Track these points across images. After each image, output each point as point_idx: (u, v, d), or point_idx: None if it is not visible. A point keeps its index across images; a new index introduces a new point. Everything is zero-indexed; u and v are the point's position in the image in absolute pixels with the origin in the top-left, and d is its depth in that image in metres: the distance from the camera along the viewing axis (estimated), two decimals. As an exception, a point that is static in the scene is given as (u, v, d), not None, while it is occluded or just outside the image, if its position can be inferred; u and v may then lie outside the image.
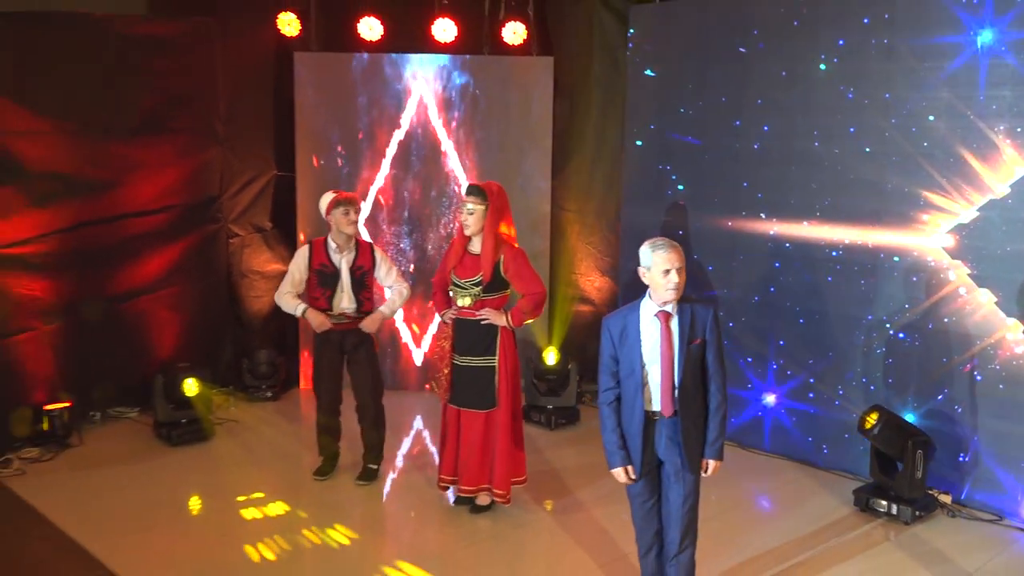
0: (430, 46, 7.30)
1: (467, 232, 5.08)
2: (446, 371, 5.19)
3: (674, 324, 3.72)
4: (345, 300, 5.54)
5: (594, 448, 6.00)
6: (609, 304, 7.27)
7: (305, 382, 7.58)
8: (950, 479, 5.43)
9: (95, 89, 6.34)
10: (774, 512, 5.53)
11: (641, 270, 3.75)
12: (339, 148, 7.39)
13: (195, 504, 5.51)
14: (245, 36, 7.18)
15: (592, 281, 7.44)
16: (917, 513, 5.17)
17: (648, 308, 3.74)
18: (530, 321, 5.22)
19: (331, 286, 5.50)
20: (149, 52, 6.61)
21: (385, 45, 7.27)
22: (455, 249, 5.21)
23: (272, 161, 7.50)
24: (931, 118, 5.41)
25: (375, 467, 5.79)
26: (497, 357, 5.12)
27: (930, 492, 5.32)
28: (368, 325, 5.56)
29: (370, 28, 7.22)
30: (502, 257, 5.08)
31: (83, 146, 6.31)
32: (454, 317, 5.17)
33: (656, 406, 3.75)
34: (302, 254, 5.59)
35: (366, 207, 7.38)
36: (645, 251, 3.72)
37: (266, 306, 7.54)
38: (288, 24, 7.19)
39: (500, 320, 5.09)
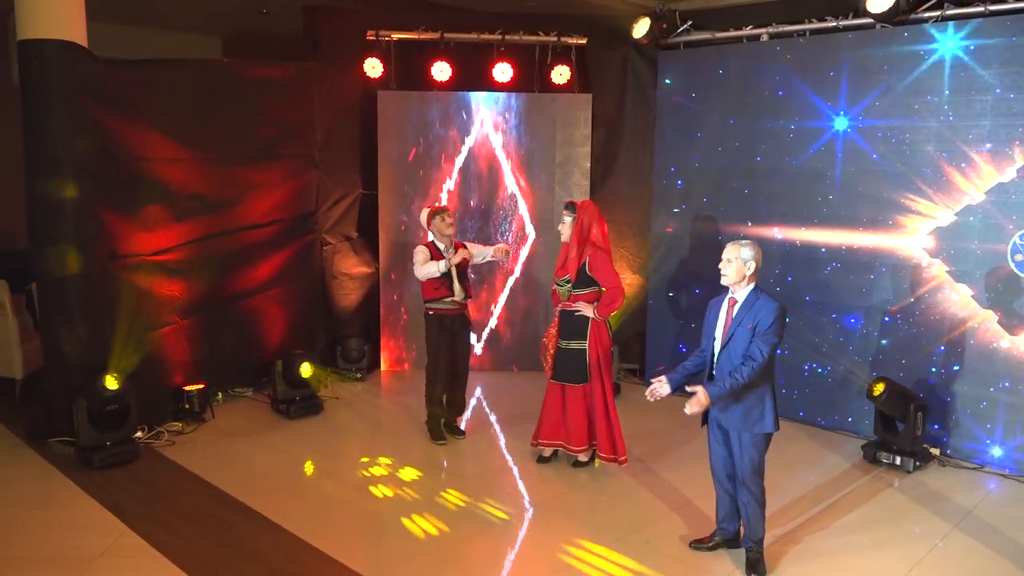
0: (490, 85, 7.47)
1: (562, 239, 5.33)
2: (552, 352, 5.41)
3: (736, 306, 3.94)
4: (457, 289, 5.78)
5: (638, 417, 6.30)
6: (640, 298, 7.48)
7: (387, 364, 7.76)
8: (938, 436, 5.71)
9: (222, 122, 6.46)
10: (794, 467, 5.70)
11: None
12: (414, 170, 7.54)
13: (327, 465, 5.64)
14: (338, 77, 7.30)
15: (625, 279, 7.62)
16: (916, 463, 5.44)
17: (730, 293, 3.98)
18: (615, 312, 5.43)
19: (448, 277, 5.74)
20: (264, 92, 6.74)
21: (453, 85, 7.42)
22: (560, 254, 5.44)
23: (359, 181, 7.63)
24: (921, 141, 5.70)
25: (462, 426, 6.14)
26: (588, 342, 5.33)
27: (923, 446, 5.60)
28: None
29: (441, 71, 7.37)
30: (587, 258, 5.29)
31: (213, 170, 6.42)
32: (560, 309, 5.39)
33: (711, 368, 4.04)
34: (422, 249, 5.79)
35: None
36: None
37: (353, 302, 7.70)
38: (373, 67, 7.32)
39: (589, 312, 5.29)
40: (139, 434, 5.79)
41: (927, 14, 5.57)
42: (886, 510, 4.92)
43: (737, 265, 3.92)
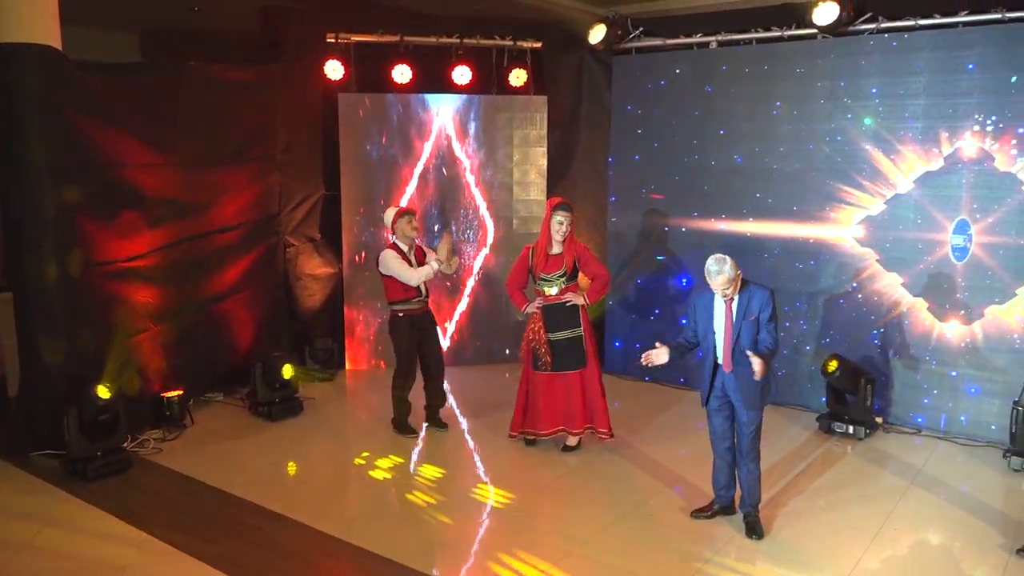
0: (450, 87, 7.68)
1: (558, 238, 5.58)
2: (545, 347, 5.68)
3: (734, 304, 4.39)
4: (424, 288, 5.99)
5: (619, 399, 6.70)
6: (597, 290, 7.88)
7: (352, 363, 7.87)
8: (881, 406, 6.37)
9: (193, 127, 6.41)
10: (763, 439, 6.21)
11: None
12: (375, 171, 7.67)
13: (327, 462, 5.78)
14: (299, 79, 7.33)
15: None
16: (867, 431, 6.09)
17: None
18: (601, 298, 5.79)
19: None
20: (232, 94, 6.73)
21: (414, 87, 7.59)
22: (539, 254, 5.66)
23: (321, 183, 7.69)
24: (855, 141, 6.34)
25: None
26: (582, 327, 5.67)
27: (872, 416, 6.24)
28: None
29: (401, 73, 7.53)
30: (578, 254, 5.63)
31: (185, 175, 6.38)
32: (542, 304, 5.66)
33: (720, 359, 4.46)
34: (393, 254, 5.92)
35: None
36: (708, 265, 4.38)
37: (318, 303, 7.77)
38: (334, 70, 7.40)
39: (579, 300, 5.64)
40: (124, 443, 5.72)
41: (863, 26, 6.18)
42: (850, 473, 5.52)
43: (734, 281, 4.34)
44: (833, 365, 6.07)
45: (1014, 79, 5.65)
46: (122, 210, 5.90)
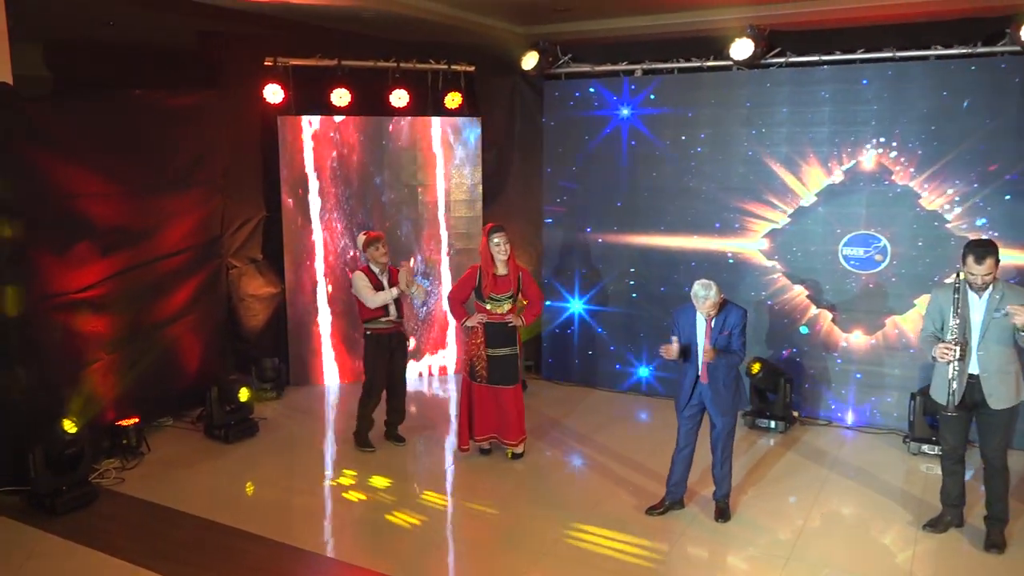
0: (388, 110, 7.95)
1: (501, 258, 5.96)
2: (483, 362, 6.08)
3: (714, 323, 4.96)
4: (393, 309, 6.29)
5: (548, 407, 7.18)
6: (533, 301, 8.34)
7: (297, 381, 8.03)
8: (798, 402, 7.10)
9: (141, 154, 6.47)
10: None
11: None
12: (316, 192, 7.86)
13: (295, 481, 5.99)
14: (239, 103, 7.42)
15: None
16: (787, 425, 6.80)
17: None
18: (535, 320, 6.23)
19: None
20: (176, 121, 6.78)
21: (352, 109, 7.81)
22: (486, 275, 6.02)
23: (262, 204, 7.81)
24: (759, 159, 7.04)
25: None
26: (518, 347, 6.09)
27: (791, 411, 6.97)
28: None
29: (340, 96, 7.73)
30: (521, 275, 6.04)
31: (134, 203, 6.43)
32: (485, 321, 6.04)
33: (700, 370, 5.02)
34: (362, 276, 6.21)
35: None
36: (696, 289, 4.95)
37: (261, 323, 7.89)
38: (273, 93, 7.52)
39: (519, 321, 6.06)
40: (89, 476, 5.75)
41: (774, 60, 6.88)
42: (777, 462, 6.20)
43: (718, 303, 4.93)
44: (756, 367, 6.75)
45: (906, 108, 6.45)
46: (74, 241, 5.93)
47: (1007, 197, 6.19)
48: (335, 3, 6.63)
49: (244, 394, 6.67)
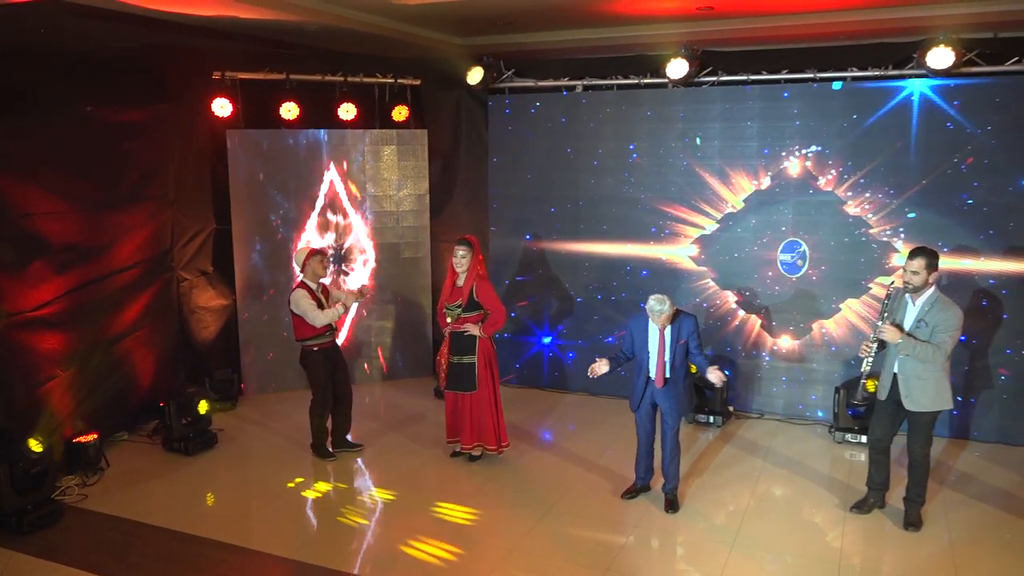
0: (336, 123, 8.13)
1: (459, 270, 6.26)
2: (444, 367, 6.38)
3: (667, 333, 5.39)
4: (332, 324, 6.52)
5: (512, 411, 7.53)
6: (480, 307, 8.66)
7: (250, 391, 8.15)
8: (733, 397, 7.64)
9: (93, 169, 6.52)
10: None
11: None
12: (266, 205, 8.00)
13: (261, 490, 6.15)
14: (188, 117, 7.50)
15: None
16: (724, 419, 7.33)
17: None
18: (497, 332, 6.54)
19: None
20: (126, 136, 6.84)
21: (302, 123, 7.98)
22: (447, 284, 6.36)
23: (212, 217, 7.90)
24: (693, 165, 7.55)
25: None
26: (476, 356, 6.39)
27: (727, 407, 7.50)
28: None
29: (288, 110, 7.89)
30: (475, 286, 6.34)
31: (87, 219, 6.48)
32: (450, 331, 6.35)
33: (653, 375, 5.46)
34: (304, 294, 6.39)
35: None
36: (651, 304, 5.36)
37: (213, 334, 7.98)
38: (221, 107, 7.62)
39: (476, 331, 6.36)
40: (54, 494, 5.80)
41: (707, 79, 7.38)
42: (721, 456, 6.69)
43: (671, 315, 5.36)
44: (694, 368, 7.24)
45: (827, 124, 7.04)
46: (29, 260, 5.95)
47: (917, 207, 6.84)
48: (280, 17, 6.76)
49: (203, 407, 6.78)
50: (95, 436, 6.39)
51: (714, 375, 5.41)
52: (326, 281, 6.77)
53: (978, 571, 4.87)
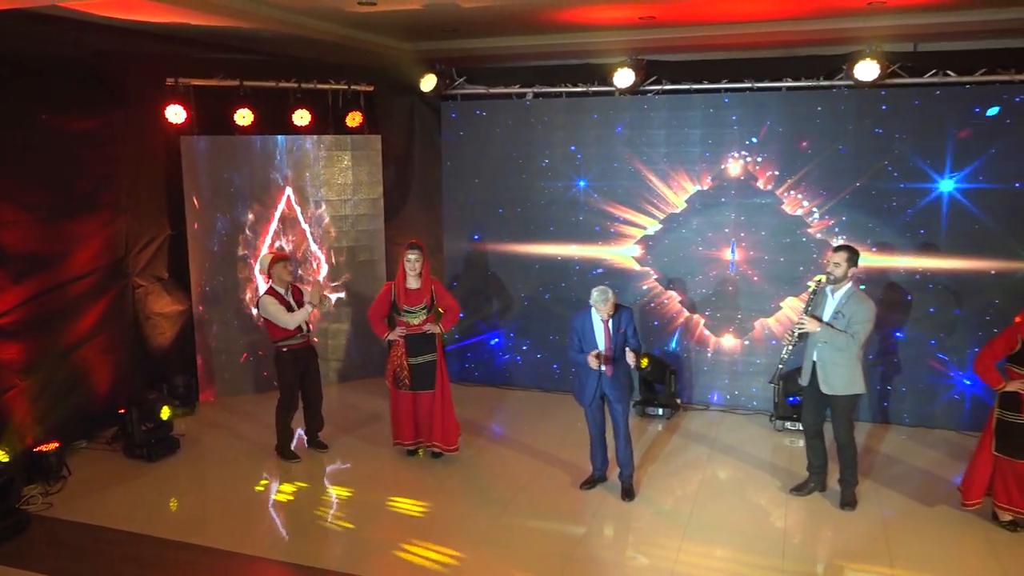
0: (290, 129, 8.25)
1: (412, 273, 6.47)
2: (406, 371, 6.58)
3: (610, 323, 5.71)
4: (304, 324, 6.68)
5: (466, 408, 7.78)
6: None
7: (207, 396, 8.22)
8: (680, 390, 8.04)
9: (48, 177, 6.54)
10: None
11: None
12: (221, 211, 8.08)
13: (228, 492, 6.26)
14: (142, 124, 7.53)
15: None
16: (672, 412, 7.73)
17: (597, 314, 5.71)
18: (453, 327, 6.78)
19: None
20: (80, 143, 6.87)
21: (256, 129, 8.06)
22: (399, 289, 6.52)
23: (166, 223, 7.94)
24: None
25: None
26: (436, 354, 6.63)
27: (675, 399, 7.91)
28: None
29: (243, 117, 7.96)
30: (434, 288, 6.58)
31: (42, 228, 6.51)
32: (404, 334, 6.54)
33: (602, 366, 5.76)
34: (272, 300, 6.55)
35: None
36: (595, 297, 5.67)
37: (169, 340, 8.02)
38: (175, 114, 7.64)
39: (436, 329, 6.60)
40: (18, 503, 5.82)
41: (652, 87, 7.76)
42: (668, 443, 7.09)
43: (614, 304, 5.68)
44: (645, 362, 7.53)
45: (767, 129, 7.49)
46: (-12, 271, 5.96)
47: (850, 208, 7.34)
48: (233, 24, 6.85)
49: (165, 412, 6.86)
50: (56, 445, 6.42)
51: (631, 356, 5.74)
52: (307, 283, 6.92)
53: (909, 544, 5.34)
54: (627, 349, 5.77)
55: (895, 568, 5.04)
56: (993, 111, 6.87)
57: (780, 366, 5.79)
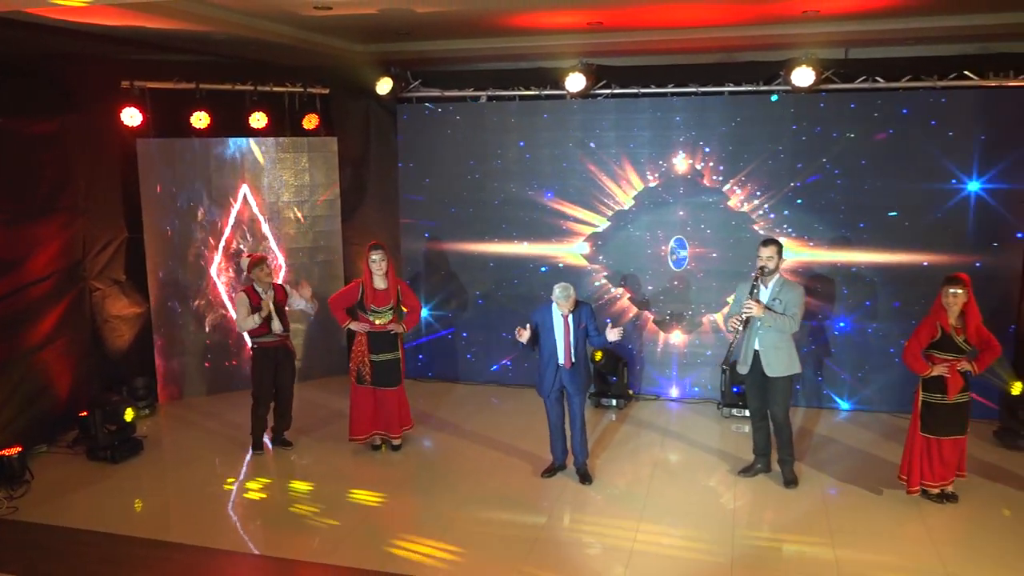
0: (247, 131, 8.34)
1: (378, 273, 6.67)
2: (368, 367, 6.78)
3: (571, 319, 6.01)
4: (276, 324, 6.82)
5: (414, 401, 7.98)
6: (393, 306, 9.07)
7: (166, 397, 8.27)
8: (632, 382, 8.41)
9: (3, 181, 6.55)
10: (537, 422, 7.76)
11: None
12: (179, 214, 8.13)
13: (197, 490, 6.37)
14: (98, 127, 7.55)
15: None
16: (624, 402, 8.09)
17: (557, 309, 6.00)
18: (414, 327, 7.00)
19: (268, 317, 6.76)
20: (35, 147, 6.89)
21: (212, 131, 8.13)
22: (367, 289, 6.71)
23: (123, 226, 7.95)
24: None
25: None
26: (399, 352, 6.85)
27: (627, 390, 8.26)
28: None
29: (199, 119, 8.02)
30: (400, 288, 6.79)
31: (1, 232, 6.50)
32: (368, 331, 6.73)
33: (561, 360, 6.07)
34: (244, 299, 6.70)
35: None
36: (556, 292, 5.96)
37: (127, 343, 8.05)
38: (131, 117, 7.68)
39: (399, 328, 6.82)
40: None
41: (602, 91, 8.08)
42: (624, 434, 7.43)
43: (574, 298, 5.97)
44: (599, 355, 7.95)
45: (709, 132, 7.88)
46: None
47: (792, 205, 7.78)
48: (185, 27, 6.89)
49: (129, 414, 6.91)
50: (19, 449, 6.43)
51: (613, 333, 6.01)
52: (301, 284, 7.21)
53: (846, 517, 5.77)
54: (608, 328, 6.05)
55: (835, 540, 5.45)
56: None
57: (731, 348, 6.20)
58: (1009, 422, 7.01)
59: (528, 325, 6.10)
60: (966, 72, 7.23)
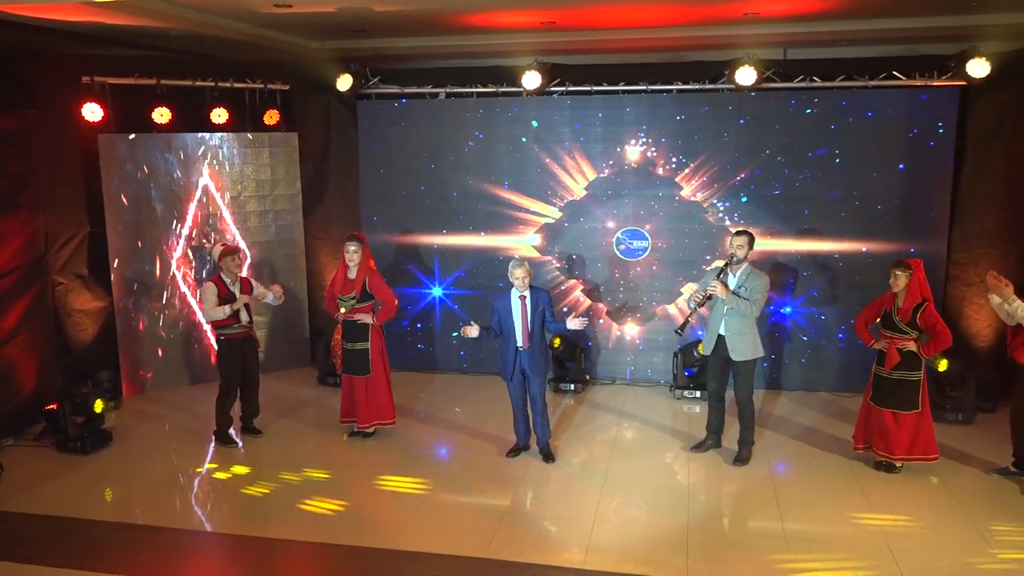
0: (208, 127, 8.45)
1: (350, 264, 6.90)
2: (340, 353, 7.01)
3: (528, 302, 6.32)
4: (243, 314, 6.99)
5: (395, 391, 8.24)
6: (354, 298, 9.27)
7: (130, 390, 8.34)
8: (588, 367, 8.78)
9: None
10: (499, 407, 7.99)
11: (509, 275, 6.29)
12: (140, 208, 8.21)
13: (164, 478, 6.52)
14: (59, 122, 7.59)
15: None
16: (582, 386, 8.45)
17: (515, 292, 6.30)
18: (389, 319, 7.21)
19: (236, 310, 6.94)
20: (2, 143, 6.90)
21: (174, 127, 8.22)
22: (338, 276, 6.97)
23: (86, 221, 8.00)
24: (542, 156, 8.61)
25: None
26: (369, 343, 7.07)
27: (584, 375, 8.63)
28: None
29: (161, 115, 8.11)
30: (367, 279, 7.01)
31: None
32: (343, 319, 6.97)
33: (520, 343, 6.39)
34: (212, 288, 6.85)
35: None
36: (510, 266, 6.25)
37: (91, 336, 8.10)
38: (92, 112, 7.73)
39: (368, 319, 7.04)
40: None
41: (557, 88, 8.42)
42: (582, 417, 7.79)
43: (529, 279, 6.26)
44: (557, 342, 8.30)
45: (660, 127, 8.28)
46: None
47: (739, 197, 8.24)
48: (145, 23, 6.96)
49: (99, 405, 7.00)
50: (-12, 442, 6.50)
51: (574, 322, 6.32)
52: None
53: (791, 493, 6.19)
54: (569, 320, 6.33)
55: (781, 510, 5.87)
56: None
57: (689, 319, 6.56)
58: (937, 397, 7.56)
59: (473, 322, 6.38)
60: (895, 72, 7.77)
